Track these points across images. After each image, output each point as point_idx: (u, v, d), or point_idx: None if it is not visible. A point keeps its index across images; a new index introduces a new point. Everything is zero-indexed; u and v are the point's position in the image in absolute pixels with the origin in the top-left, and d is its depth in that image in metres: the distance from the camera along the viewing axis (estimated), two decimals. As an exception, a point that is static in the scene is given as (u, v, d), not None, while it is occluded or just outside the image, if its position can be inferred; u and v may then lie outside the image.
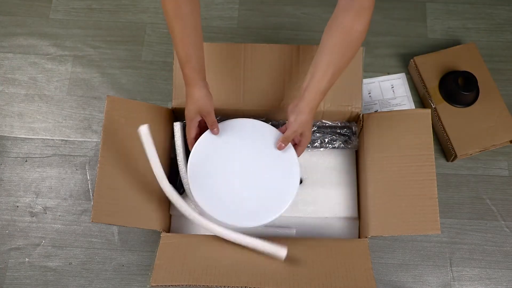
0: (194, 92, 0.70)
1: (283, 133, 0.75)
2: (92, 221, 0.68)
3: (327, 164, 0.86)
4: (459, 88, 0.88)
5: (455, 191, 0.90)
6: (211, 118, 0.73)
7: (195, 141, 0.76)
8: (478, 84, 0.89)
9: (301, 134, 0.73)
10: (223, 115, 0.83)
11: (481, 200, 0.90)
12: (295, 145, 0.77)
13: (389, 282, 0.84)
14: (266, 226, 0.82)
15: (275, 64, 0.83)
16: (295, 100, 0.71)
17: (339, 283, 0.69)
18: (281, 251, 0.69)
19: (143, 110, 0.80)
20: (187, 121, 0.75)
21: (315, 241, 0.78)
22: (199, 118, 0.74)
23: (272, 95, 0.82)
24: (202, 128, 0.77)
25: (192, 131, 0.75)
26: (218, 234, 0.74)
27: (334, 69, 0.67)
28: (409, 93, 0.97)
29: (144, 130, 0.70)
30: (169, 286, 0.69)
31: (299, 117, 0.69)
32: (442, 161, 0.92)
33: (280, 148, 0.75)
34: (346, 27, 0.64)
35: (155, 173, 0.72)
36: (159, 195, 0.81)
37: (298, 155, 0.77)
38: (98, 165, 0.71)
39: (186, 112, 0.73)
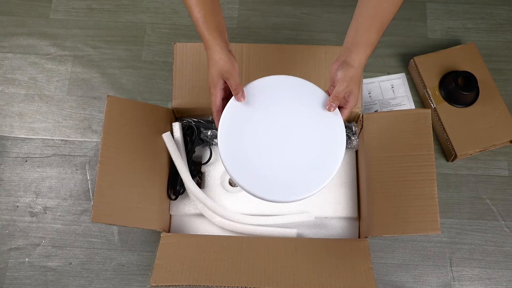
0: (214, 54, 0.63)
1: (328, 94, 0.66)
2: (92, 221, 0.68)
3: (327, 164, 0.86)
4: (459, 88, 0.88)
5: (455, 191, 0.90)
6: (234, 81, 0.63)
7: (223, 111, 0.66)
8: (478, 84, 0.89)
9: (348, 94, 0.65)
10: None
11: (481, 200, 0.90)
12: (339, 108, 0.67)
13: (389, 282, 0.84)
14: (267, 226, 0.82)
15: (275, 64, 0.83)
16: (339, 57, 0.64)
17: (339, 283, 0.69)
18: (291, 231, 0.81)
19: (143, 110, 0.80)
20: (210, 89, 0.66)
21: (315, 241, 0.79)
22: (222, 83, 0.65)
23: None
24: (230, 96, 0.67)
25: (217, 100, 0.65)
26: (236, 230, 0.81)
27: (380, 21, 0.62)
28: (409, 93, 0.97)
29: (166, 135, 0.82)
30: (169, 286, 0.69)
31: (348, 71, 0.62)
32: (442, 161, 0.92)
33: (330, 109, 0.64)
34: None
35: (178, 170, 0.82)
36: (159, 195, 0.81)
37: (344, 118, 0.66)
38: (98, 165, 0.71)
39: (208, 79, 0.65)
